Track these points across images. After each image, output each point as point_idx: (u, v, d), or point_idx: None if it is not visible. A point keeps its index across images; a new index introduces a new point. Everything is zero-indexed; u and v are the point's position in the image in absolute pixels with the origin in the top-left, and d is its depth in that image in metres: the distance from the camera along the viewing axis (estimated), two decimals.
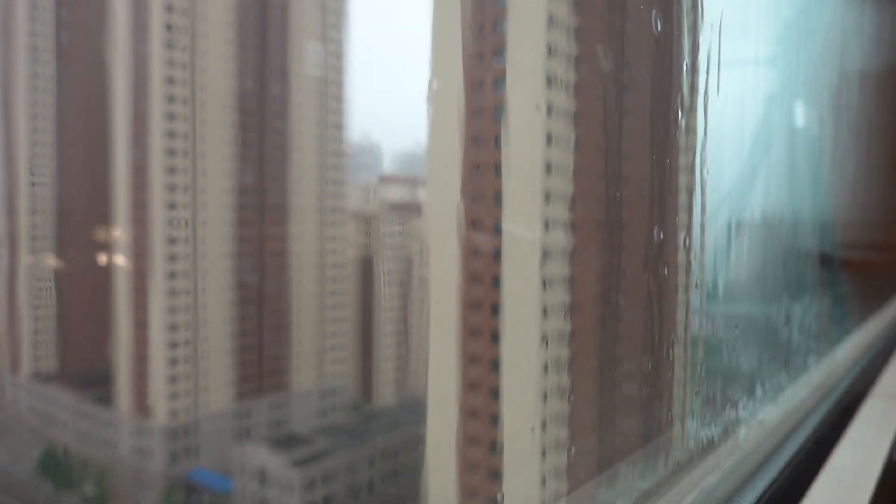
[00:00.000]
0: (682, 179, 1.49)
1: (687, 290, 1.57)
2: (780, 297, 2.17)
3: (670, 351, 1.53)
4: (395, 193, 1.41)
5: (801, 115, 2.30)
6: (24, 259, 1.13)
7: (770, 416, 2.04)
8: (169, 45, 1.18)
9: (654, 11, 1.40)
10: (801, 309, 2.35)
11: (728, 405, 1.82)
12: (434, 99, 1.17)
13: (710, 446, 1.66)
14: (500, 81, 1.18)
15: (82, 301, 1.20)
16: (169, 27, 1.19)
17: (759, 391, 2.01)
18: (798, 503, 1.49)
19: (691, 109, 1.50)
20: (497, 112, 1.18)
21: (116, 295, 1.19)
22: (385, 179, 1.39)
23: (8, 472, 1.10)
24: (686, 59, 1.49)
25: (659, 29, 1.41)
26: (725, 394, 1.79)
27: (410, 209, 1.40)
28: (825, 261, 2.67)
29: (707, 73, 1.51)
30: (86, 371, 1.24)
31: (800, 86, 2.29)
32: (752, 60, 1.87)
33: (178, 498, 1.22)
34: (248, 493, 1.31)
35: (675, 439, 1.55)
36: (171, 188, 1.20)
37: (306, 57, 1.33)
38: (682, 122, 1.49)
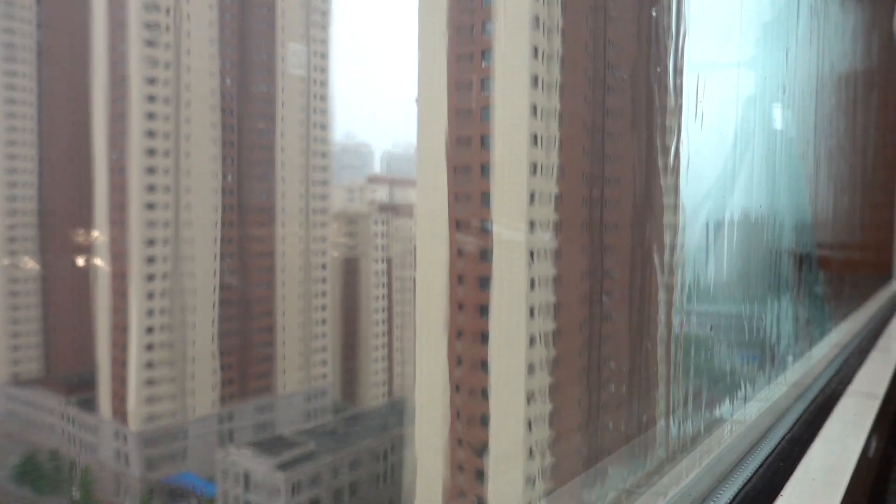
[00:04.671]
0: (665, 181, 1.51)
1: (669, 289, 1.59)
2: (758, 297, 2.20)
3: (652, 350, 1.55)
4: (383, 194, 1.41)
5: (779, 116, 2.33)
6: (2, 261, 1.11)
7: (747, 414, 2.07)
8: (151, 43, 1.16)
9: (637, 14, 1.41)
10: (779, 308, 2.38)
11: (706, 404, 1.84)
12: (421, 99, 1.17)
13: (688, 445, 1.68)
14: (486, 82, 1.18)
15: (63, 303, 1.18)
16: (152, 26, 1.17)
17: (737, 390, 2.04)
18: (774, 500, 1.51)
19: (674, 111, 1.51)
20: (484, 113, 1.18)
21: (96, 297, 1.17)
22: (373, 180, 1.38)
23: None
24: (668, 62, 1.50)
25: (642, 32, 1.43)
26: (704, 393, 1.81)
27: (398, 210, 1.40)
28: (803, 260, 2.71)
29: (685, 75, 1.53)
30: (71, 374, 1.22)
31: (778, 88, 2.33)
32: (733, 63, 1.89)
33: (158, 503, 1.21)
34: (231, 497, 1.30)
35: (657, 438, 1.57)
36: (152, 188, 1.19)
37: (291, 56, 1.32)
38: (665, 124, 1.51)
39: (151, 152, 1.18)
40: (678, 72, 1.52)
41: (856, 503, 1.72)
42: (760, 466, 1.76)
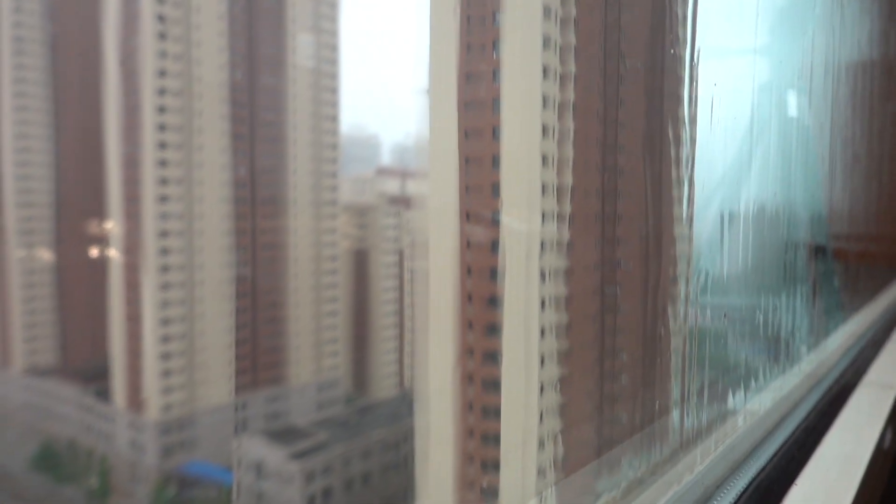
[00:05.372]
0: (678, 171, 1.50)
1: (680, 281, 1.58)
2: (772, 288, 2.18)
3: (664, 341, 1.54)
4: (393, 186, 1.41)
5: (795, 105, 2.31)
6: (16, 253, 1.12)
7: (761, 404, 2.06)
8: (162, 36, 1.17)
9: (650, 1, 1.40)
10: (793, 299, 2.36)
11: (720, 394, 1.84)
12: (432, 91, 1.17)
13: (701, 434, 1.67)
14: (497, 72, 1.17)
15: (78, 295, 1.19)
16: (163, 18, 1.18)
17: (750, 381, 2.03)
18: (787, 490, 1.50)
19: (686, 100, 1.50)
20: (495, 104, 1.18)
21: (111, 289, 1.18)
22: (382, 171, 1.38)
23: (3, 466, 1.10)
24: (680, 50, 1.49)
25: (655, 19, 1.41)
26: (717, 383, 1.81)
27: (408, 202, 1.40)
28: (817, 251, 2.69)
29: (699, 63, 1.52)
30: (87, 365, 1.24)
31: (794, 76, 2.30)
32: (748, 50, 1.87)
33: (170, 491, 1.22)
34: (244, 486, 1.31)
35: (669, 428, 1.57)
36: (165, 181, 1.20)
37: (301, 48, 1.32)
38: (677, 113, 1.50)
39: (163, 145, 1.19)
40: (692, 60, 1.51)
41: (871, 493, 1.71)
42: (774, 455, 1.75)
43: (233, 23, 1.23)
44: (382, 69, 1.24)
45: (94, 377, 1.18)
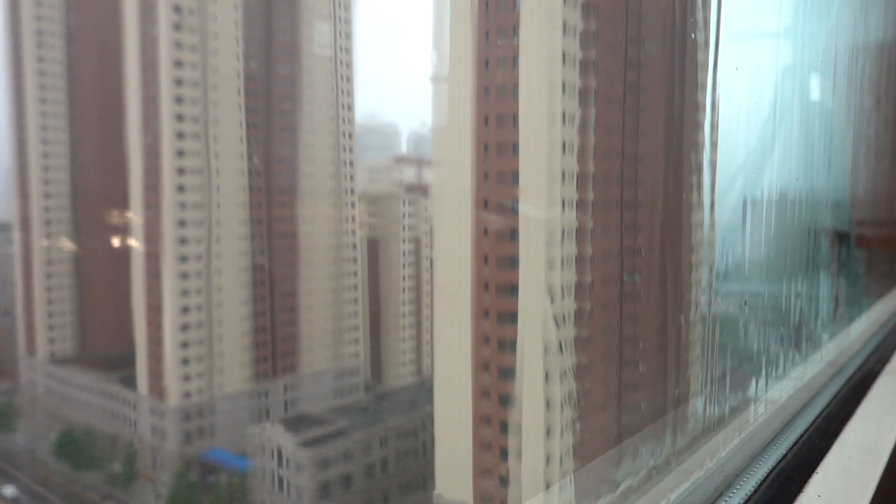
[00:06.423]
0: (698, 157, 1.48)
1: (701, 268, 1.57)
2: (794, 275, 2.16)
3: (685, 329, 1.53)
4: (411, 174, 1.40)
5: (818, 88, 2.26)
6: (39, 243, 1.14)
7: (782, 392, 2.04)
8: (177, 27, 1.17)
9: None
10: (815, 286, 2.34)
11: (741, 382, 1.83)
12: (450, 78, 1.16)
13: (723, 422, 1.67)
14: (516, 59, 1.16)
15: (99, 284, 1.20)
16: (179, 9, 1.18)
17: (771, 369, 2.01)
18: (809, 477, 1.49)
19: (707, 85, 1.48)
20: (514, 90, 1.17)
21: (132, 278, 1.19)
22: (401, 160, 1.38)
23: (29, 451, 1.12)
24: (701, 35, 1.47)
25: (675, 4, 1.39)
26: (739, 370, 1.80)
27: (425, 189, 1.39)
28: (840, 238, 2.65)
29: (720, 47, 1.49)
30: (108, 353, 1.26)
31: (817, 59, 2.25)
32: (771, 33, 1.83)
33: (192, 477, 1.24)
34: (263, 473, 1.33)
35: (690, 415, 1.56)
36: (183, 171, 1.20)
37: (316, 36, 1.32)
38: (697, 99, 1.47)
39: (181, 135, 1.19)
40: (714, 45, 1.48)
41: (894, 482, 1.69)
42: (795, 443, 1.74)
43: (248, 12, 1.23)
44: (399, 57, 1.23)
45: (117, 365, 1.20)
